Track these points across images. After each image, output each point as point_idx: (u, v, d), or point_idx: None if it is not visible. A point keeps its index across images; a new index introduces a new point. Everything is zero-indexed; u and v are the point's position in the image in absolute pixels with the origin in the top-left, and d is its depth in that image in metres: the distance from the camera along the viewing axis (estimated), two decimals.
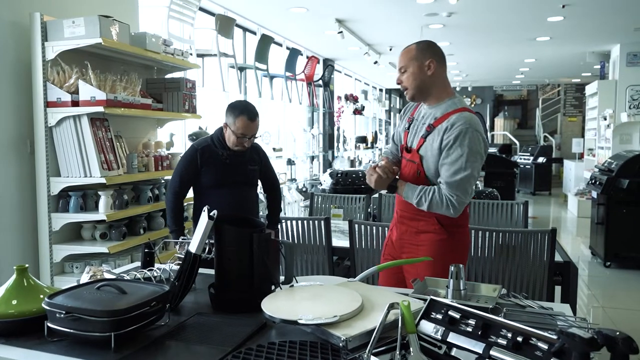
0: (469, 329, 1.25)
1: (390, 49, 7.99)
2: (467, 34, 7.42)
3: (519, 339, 1.16)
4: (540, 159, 12.00)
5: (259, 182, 2.98)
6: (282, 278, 1.76)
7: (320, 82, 8.54)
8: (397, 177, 2.18)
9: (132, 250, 3.29)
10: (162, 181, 3.68)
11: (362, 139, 11.41)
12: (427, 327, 1.32)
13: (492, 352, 1.18)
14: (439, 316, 1.33)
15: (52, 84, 2.94)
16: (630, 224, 5.43)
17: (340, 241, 3.28)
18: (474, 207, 3.81)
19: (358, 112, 11.07)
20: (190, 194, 2.87)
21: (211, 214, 1.68)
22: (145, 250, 2.05)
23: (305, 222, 3.04)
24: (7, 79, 2.94)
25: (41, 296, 1.50)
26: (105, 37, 2.91)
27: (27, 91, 3.00)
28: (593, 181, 5.94)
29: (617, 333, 0.95)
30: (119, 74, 3.23)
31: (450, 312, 1.31)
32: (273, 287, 1.70)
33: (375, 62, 8.32)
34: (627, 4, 5.88)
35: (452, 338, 1.27)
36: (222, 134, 2.74)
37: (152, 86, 3.69)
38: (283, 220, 3.08)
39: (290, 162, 7.44)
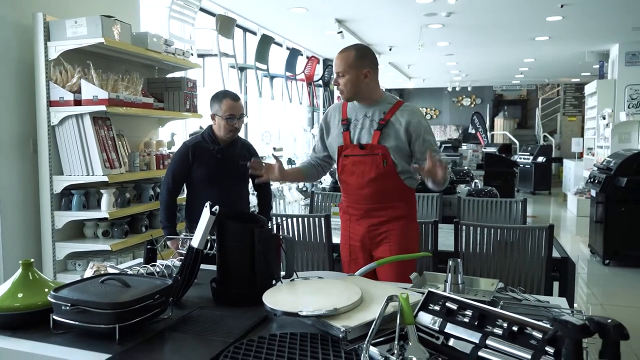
0: (466, 320, 1.28)
1: (390, 49, 8.01)
2: (467, 33, 7.45)
3: (515, 328, 1.18)
4: (540, 159, 12.01)
5: (249, 180, 2.99)
6: (282, 273, 1.79)
7: (320, 82, 8.57)
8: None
9: (134, 248, 3.32)
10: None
11: None
12: (425, 318, 1.35)
13: (488, 342, 1.21)
14: (437, 308, 1.35)
15: (54, 83, 2.97)
16: (629, 222, 5.44)
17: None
18: (473, 204, 3.83)
19: None
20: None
21: (213, 209, 1.71)
22: (148, 247, 2.08)
23: (306, 219, 3.07)
24: (10, 78, 2.97)
25: (46, 290, 1.53)
26: (108, 37, 2.94)
27: (29, 90, 3.03)
28: (592, 180, 5.96)
29: (609, 320, 0.98)
30: (120, 74, 3.25)
31: (447, 304, 1.34)
32: (274, 282, 1.73)
33: None
34: (625, 3, 5.90)
35: (450, 329, 1.29)
36: (211, 130, 2.83)
37: (153, 86, 3.72)
38: (284, 218, 3.11)
39: (290, 162, 7.46)
